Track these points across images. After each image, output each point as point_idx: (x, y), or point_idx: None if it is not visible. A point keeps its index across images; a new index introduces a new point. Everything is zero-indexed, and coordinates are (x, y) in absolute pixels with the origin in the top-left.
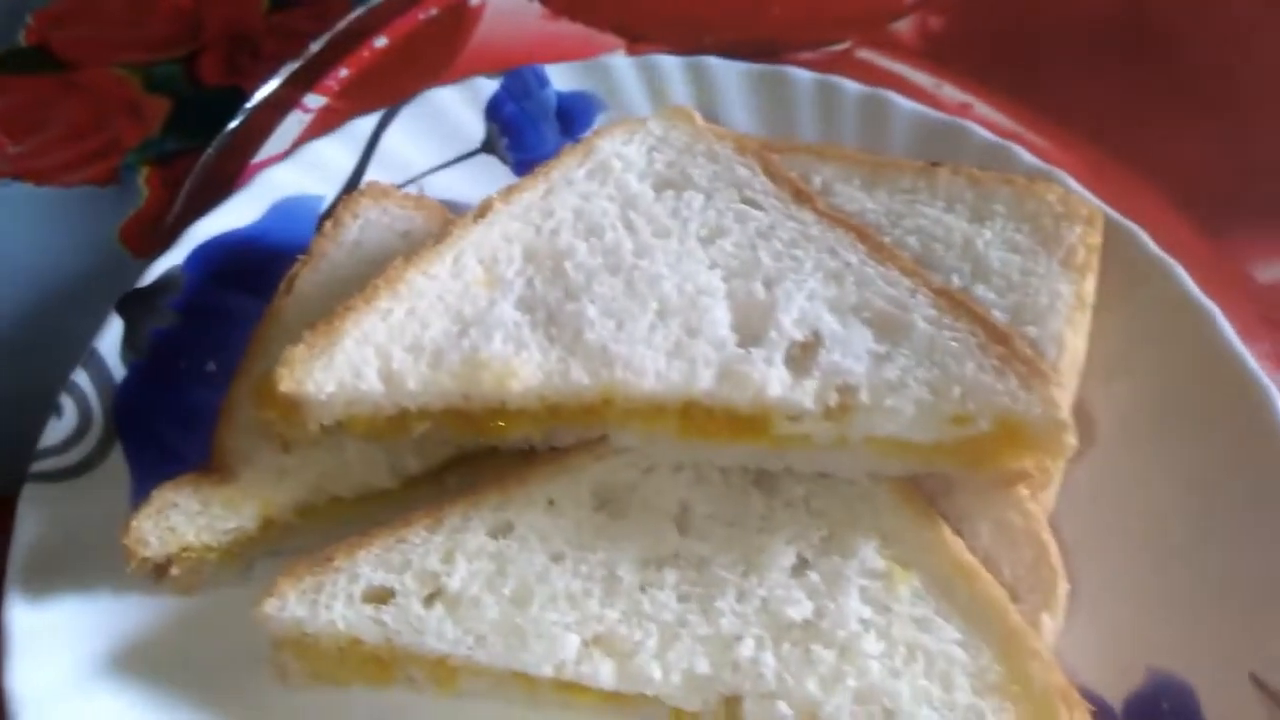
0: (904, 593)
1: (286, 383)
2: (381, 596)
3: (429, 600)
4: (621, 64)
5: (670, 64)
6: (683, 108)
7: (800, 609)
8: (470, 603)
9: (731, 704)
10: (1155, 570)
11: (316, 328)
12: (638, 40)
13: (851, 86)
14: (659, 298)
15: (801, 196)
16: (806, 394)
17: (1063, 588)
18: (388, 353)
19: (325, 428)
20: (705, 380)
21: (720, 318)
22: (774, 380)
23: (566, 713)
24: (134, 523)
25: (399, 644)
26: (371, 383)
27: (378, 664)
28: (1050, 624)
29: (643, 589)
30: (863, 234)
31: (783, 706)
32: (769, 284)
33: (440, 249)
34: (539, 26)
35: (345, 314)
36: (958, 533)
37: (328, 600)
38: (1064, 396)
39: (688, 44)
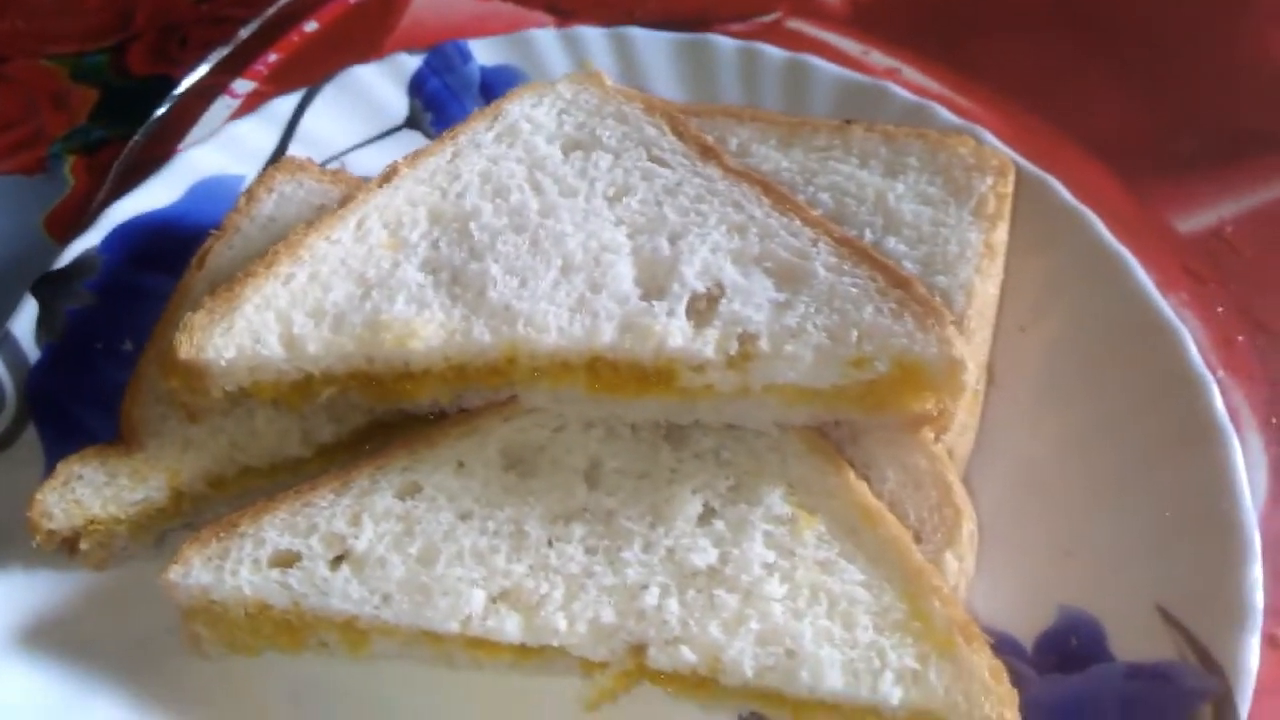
0: (809, 537)
1: (186, 349)
2: (288, 560)
3: (335, 563)
4: (545, 36)
5: (594, 35)
6: (593, 71)
7: (705, 556)
8: (376, 563)
9: (637, 653)
10: (1067, 511)
11: (217, 294)
12: (567, 18)
13: (774, 52)
14: (563, 255)
15: (708, 153)
16: (708, 343)
17: (968, 528)
18: (289, 317)
19: (230, 395)
20: (607, 334)
21: (624, 273)
22: (675, 331)
23: (480, 672)
24: (38, 495)
25: (306, 607)
26: (272, 348)
27: (288, 630)
28: (954, 562)
29: (550, 543)
30: (767, 187)
31: (686, 652)
32: (673, 239)
33: (343, 214)
34: (470, 7)
35: (245, 280)
36: (864, 478)
37: (233, 566)
38: (960, 336)
39: (617, 21)
